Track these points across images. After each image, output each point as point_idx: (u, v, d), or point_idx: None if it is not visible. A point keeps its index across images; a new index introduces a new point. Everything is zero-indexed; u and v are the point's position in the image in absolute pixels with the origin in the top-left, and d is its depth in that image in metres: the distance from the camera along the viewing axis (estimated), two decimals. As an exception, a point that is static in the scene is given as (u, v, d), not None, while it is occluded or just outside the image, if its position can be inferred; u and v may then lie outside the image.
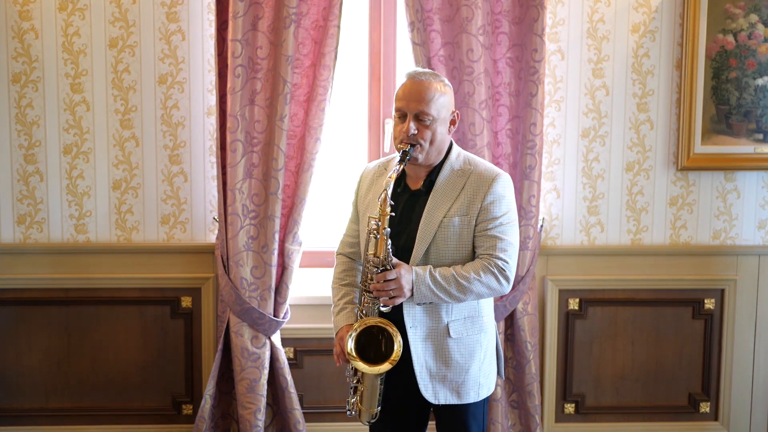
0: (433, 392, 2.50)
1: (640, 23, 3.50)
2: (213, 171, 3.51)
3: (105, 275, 3.51)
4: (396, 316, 2.47)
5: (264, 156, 3.33)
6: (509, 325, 3.49)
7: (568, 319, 3.62)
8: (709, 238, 3.62)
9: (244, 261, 3.34)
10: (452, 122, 2.52)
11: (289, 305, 3.46)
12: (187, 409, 3.62)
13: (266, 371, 3.39)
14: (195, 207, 3.53)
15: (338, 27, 3.29)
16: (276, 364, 3.42)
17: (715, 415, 3.70)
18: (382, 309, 2.44)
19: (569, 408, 3.68)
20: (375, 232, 2.40)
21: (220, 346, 3.41)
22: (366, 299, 2.45)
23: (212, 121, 3.48)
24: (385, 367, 2.42)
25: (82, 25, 3.42)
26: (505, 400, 3.51)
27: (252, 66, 3.28)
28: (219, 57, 3.32)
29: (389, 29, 3.55)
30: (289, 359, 3.52)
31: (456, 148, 2.57)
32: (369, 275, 2.42)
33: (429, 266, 2.42)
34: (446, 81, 2.51)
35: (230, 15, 3.24)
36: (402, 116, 2.45)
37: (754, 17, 3.46)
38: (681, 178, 3.59)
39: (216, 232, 3.50)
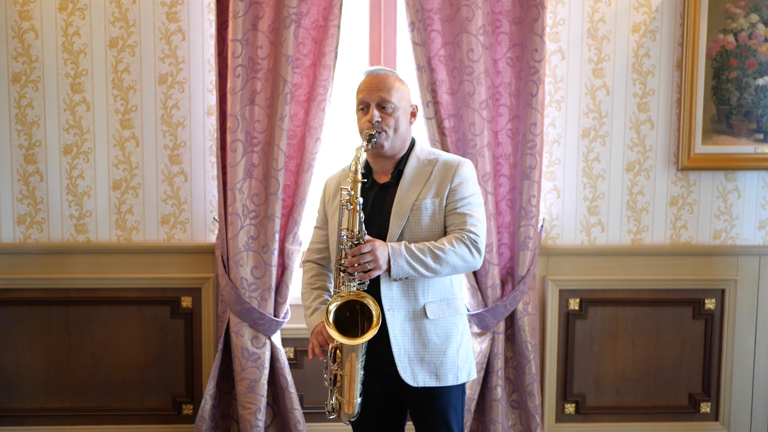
0: (411, 374, 2.52)
1: (641, 23, 3.50)
2: (213, 171, 3.51)
3: (105, 275, 3.51)
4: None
5: (264, 156, 3.32)
6: (509, 325, 3.49)
7: (568, 319, 3.62)
8: (709, 238, 3.62)
9: (245, 261, 3.34)
10: (412, 114, 2.62)
11: (290, 305, 3.46)
12: (187, 409, 3.62)
13: (266, 371, 3.39)
14: (195, 207, 3.53)
15: (338, 27, 3.29)
16: (276, 364, 3.42)
17: (715, 415, 3.70)
18: (359, 286, 2.45)
19: (569, 408, 3.67)
20: (348, 203, 2.45)
21: (220, 346, 3.41)
22: (342, 279, 2.45)
23: (212, 121, 3.48)
24: (369, 334, 2.40)
25: (82, 25, 3.42)
26: (506, 400, 3.51)
27: (252, 66, 3.28)
28: (219, 57, 3.32)
29: (389, 29, 3.55)
30: (289, 359, 3.52)
31: (419, 142, 2.66)
32: (343, 252, 2.44)
33: (404, 241, 2.47)
34: (402, 77, 2.62)
35: (230, 15, 3.24)
36: (364, 109, 2.56)
37: (754, 17, 3.46)
38: (681, 178, 3.59)
39: (216, 232, 3.50)
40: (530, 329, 3.46)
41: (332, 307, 2.43)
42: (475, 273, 3.40)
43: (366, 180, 2.52)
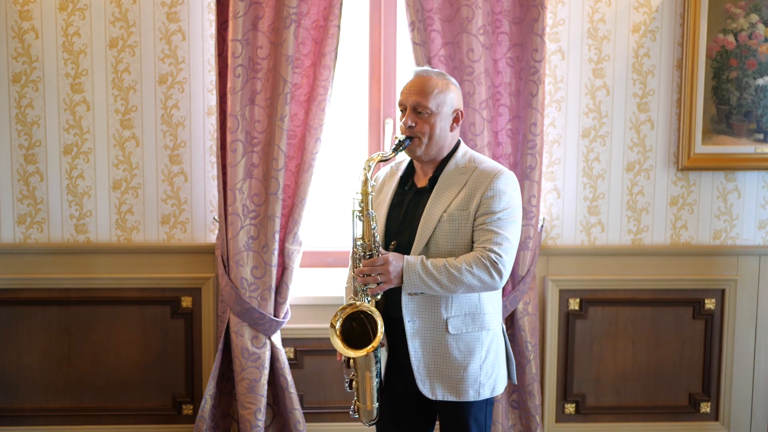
0: (430, 388, 2.48)
1: (641, 23, 3.50)
2: (213, 171, 3.51)
3: (105, 275, 3.51)
4: (395, 310, 2.46)
5: (264, 156, 3.32)
6: (510, 325, 3.48)
7: (568, 319, 3.62)
8: (709, 238, 3.62)
9: (245, 261, 3.34)
10: (455, 120, 2.51)
11: (290, 305, 3.46)
12: (187, 409, 3.62)
13: (266, 371, 3.39)
14: (195, 207, 3.53)
15: (338, 27, 3.29)
16: (276, 364, 3.42)
17: (715, 415, 3.70)
18: (376, 297, 2.43)
19: (570, 408, 3.67)
20: (359, 213, 2.42)
21: (220, 346, 3.41)
22: (358, 287, 2.43)
23: (212, 121, 3.48)
24: (363, 351, 2.39)
25: (82, 25, 3.42)
26: (506, 400, 3.51)
27: (252, 66, 3.28)
28: (219, 57, 3.32)
29: (389, 29, 3.55)
30: (289, 359, 3.52)
31: (464, 147, 2.57)
32: (359, 262, 2.42)
33: (421, 256, 2.41)
34: (452, 80, 2.52)
35: (230, 15, 3.24)
36: (404, 110, 2.48)
37: (754, 17, 3.46)
38: (681, 178, 3.59)
39: (216, 232, 3.50)
40: (530, 329, 3.46)
41: (337, 324, 2.42)
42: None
43: (409, 187, 2.50)
